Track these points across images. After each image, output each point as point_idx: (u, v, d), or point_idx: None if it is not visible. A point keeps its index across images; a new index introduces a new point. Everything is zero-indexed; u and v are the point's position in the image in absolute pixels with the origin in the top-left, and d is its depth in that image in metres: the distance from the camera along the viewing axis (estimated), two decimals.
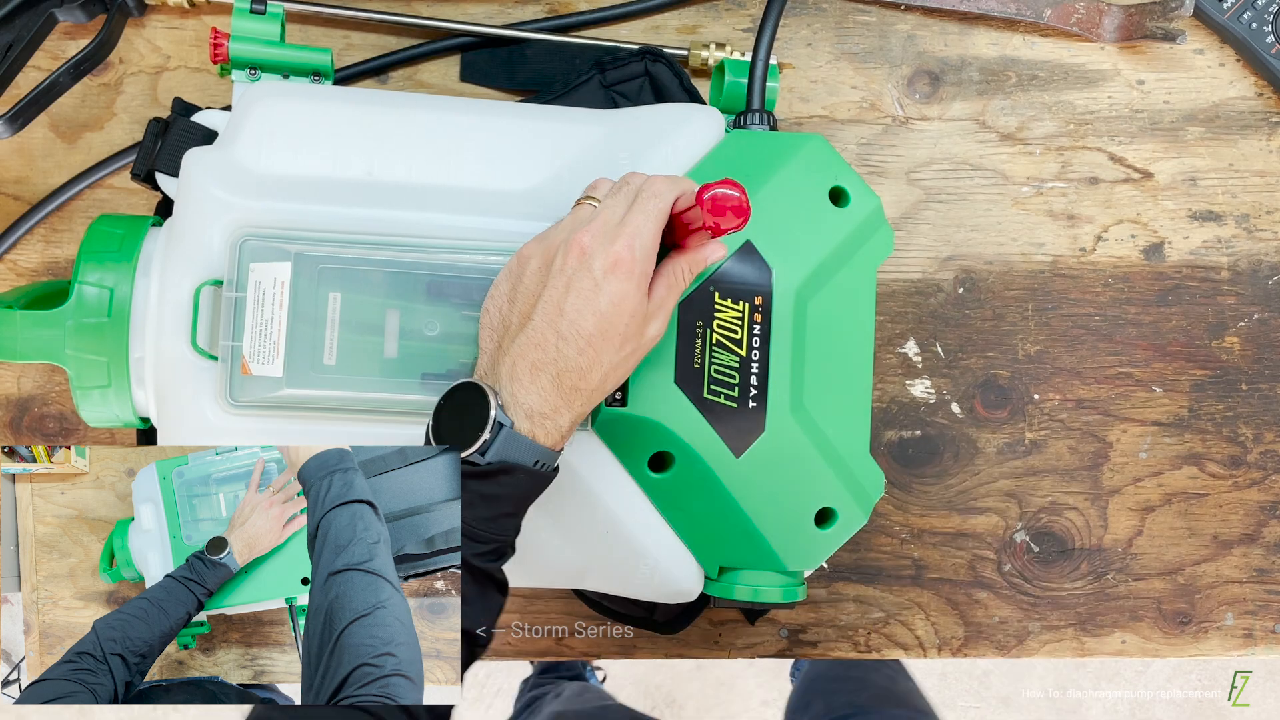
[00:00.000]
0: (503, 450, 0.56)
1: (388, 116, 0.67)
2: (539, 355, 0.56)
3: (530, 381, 0.56)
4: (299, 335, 0.61)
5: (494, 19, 0.86)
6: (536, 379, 0.56)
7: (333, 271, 0.62)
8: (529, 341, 0.57)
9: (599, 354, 0.57)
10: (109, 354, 0.64)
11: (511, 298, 0.59)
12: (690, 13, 0.87)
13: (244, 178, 0.64)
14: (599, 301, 0.56)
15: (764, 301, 0.66)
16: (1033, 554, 0.89)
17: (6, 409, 0.85)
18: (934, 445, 0.88)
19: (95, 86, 0.85)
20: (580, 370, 0.56)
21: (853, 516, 0.69)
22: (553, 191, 0.67)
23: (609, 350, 0.57)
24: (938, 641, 0.88)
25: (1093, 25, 0.88)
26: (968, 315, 0.88)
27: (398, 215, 0.65)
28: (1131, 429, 0.89)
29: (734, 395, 0.65)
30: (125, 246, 0.65)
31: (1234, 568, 0.90)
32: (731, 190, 0.56)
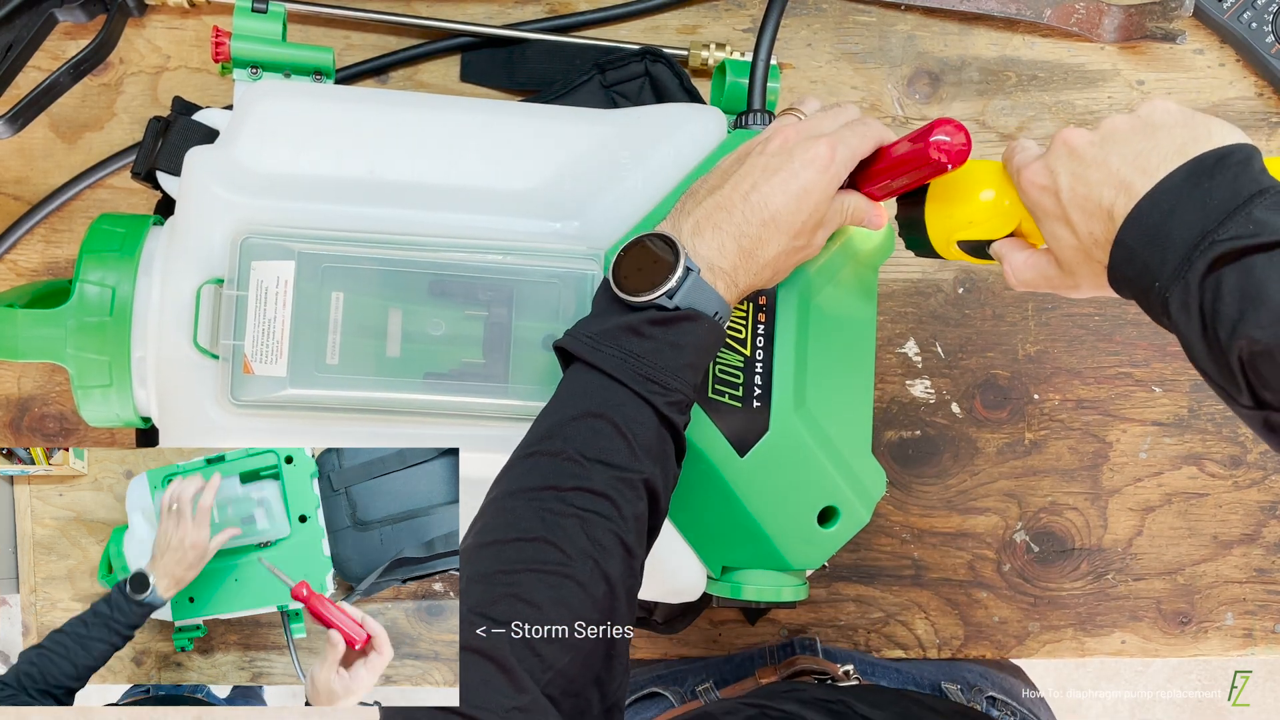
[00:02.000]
0: (690, 295, 0.57)
1: (389, 115, 0.67)
2: (723, 216, 0.58)
3: (712, 237, 0.58)
4: (302, 335, 0.61)
5: (494, 19, 0.86)
6: (718, 235, 0.58)
7: (335, 271, 0.62)
8: (715, 204, 0.59)
9: (777, 232, 0.59)
10: (110, 353, 0.64)
11: (704, 180, 0.61)
12: (690, 13, 0.87)
13: (245, 176, 0.64)
14: (791, 185, 0.58)
15: (768, 301, 0.66)
16: (1033, 554, 0.89)
17: (7, 409, 0.84)
18: (934, 445, 0.88)
19: (95, 86, 0.85)
20: (758, 239, 0.58)
21: (855, 515, 0.69)
22: (553, 191, 0.67)
23: (785, 234, 0.59)
24: (938, 641, 0.88)
25: (1093, 25, 0.88)
26: (968, 315, 0.89)
27: (399, 214, 0.65)
28: (1131, 429, 0.89)
29: (738, 395, 0.65)
30: (127, 245, 0.65)
31: (1234, 568, 0.90)
32: (955, 134, 0.58)
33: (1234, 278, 0.50)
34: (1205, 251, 0.50)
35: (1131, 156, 0.54)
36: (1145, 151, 0.54)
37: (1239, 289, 0.49)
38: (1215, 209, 0.51)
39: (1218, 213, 0.50)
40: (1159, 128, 0.55)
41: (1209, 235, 0.50)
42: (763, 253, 0.59)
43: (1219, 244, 0.50)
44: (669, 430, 0.56)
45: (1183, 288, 0.51)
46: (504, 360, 0.63)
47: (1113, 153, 0.55)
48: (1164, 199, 0.52)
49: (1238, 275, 0.49)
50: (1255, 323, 0.48)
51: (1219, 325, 0.50)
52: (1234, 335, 0.49)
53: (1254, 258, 0.49)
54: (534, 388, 0.63)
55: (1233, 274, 0.50)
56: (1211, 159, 0.52)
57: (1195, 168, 0.52)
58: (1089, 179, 0.55)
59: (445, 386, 0.63)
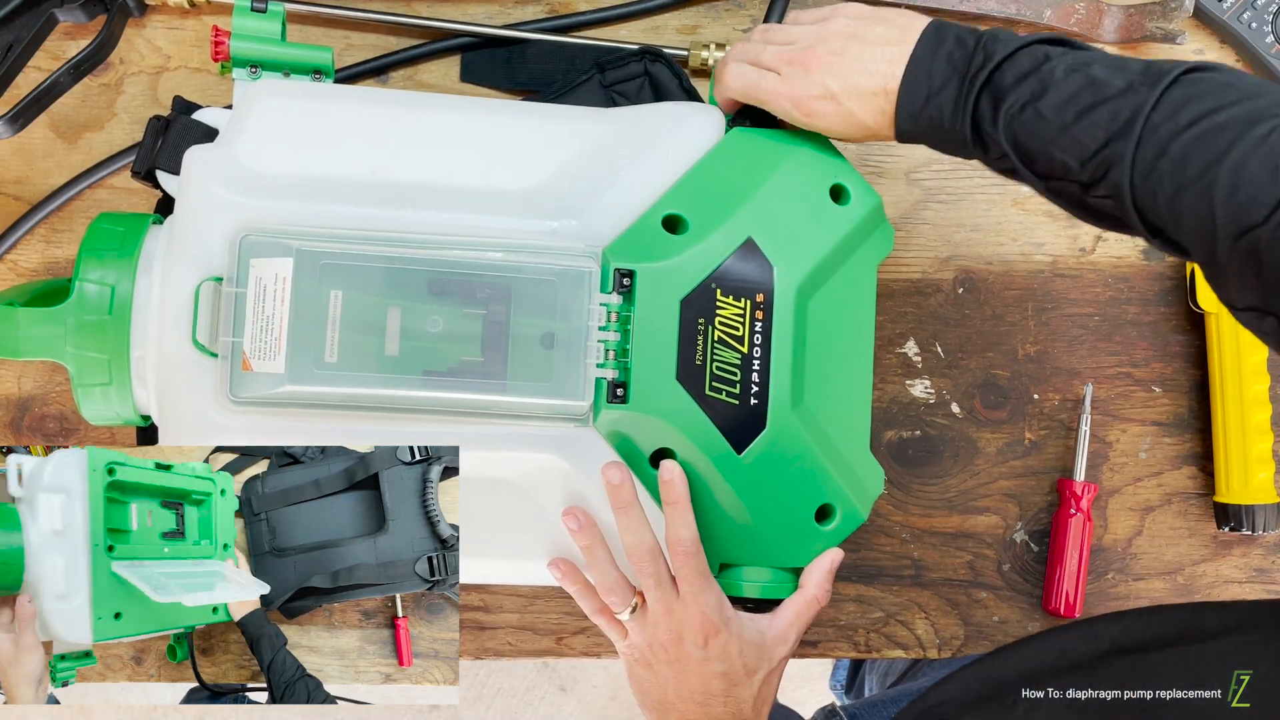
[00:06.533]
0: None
1: (389, 115, 0.67)
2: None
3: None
4: (300, 332, 0.61)
5: (494, 19, 0.86)
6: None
7: (334, 268, 0.62)
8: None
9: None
10: (110, 351, 0.64)
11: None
12: (690, 13, 0.88)
13: (245, 176, 0.64)
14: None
15: (765, 299, 0.66)
16: (1033, 554, 0.89)
17: (7, 408, 0.85)
18: (934, 445, 0.88)
19: (95, 87, 0.85)
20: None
21: (853, 514, 0.69)
22: (552, 190, 0.67)
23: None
24: (938, 641, 0.88)
25: (1093, 25, 0.88)
26: (967, 315, 0.89)
27: (399, 214, 0.65)
28: (1131, 429, 0.89)
29: (735, 392, 0.65)
30: (126, 244, 0.65)
31: (1234, 568, 0.90)
32: None
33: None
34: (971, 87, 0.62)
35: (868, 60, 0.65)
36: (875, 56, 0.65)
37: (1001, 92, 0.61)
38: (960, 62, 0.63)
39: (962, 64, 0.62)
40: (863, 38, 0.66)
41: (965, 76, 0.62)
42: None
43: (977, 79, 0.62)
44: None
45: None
46: (502, 358, 0.63)
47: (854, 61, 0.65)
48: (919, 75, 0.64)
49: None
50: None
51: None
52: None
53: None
54: (532, 385, 0.63)
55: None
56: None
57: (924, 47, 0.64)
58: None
59: (443, 384, 0.63)
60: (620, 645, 0.69)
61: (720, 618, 0.65)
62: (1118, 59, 0.60)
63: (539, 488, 0.66)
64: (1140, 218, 0.58)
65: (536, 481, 0.66)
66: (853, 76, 0.64)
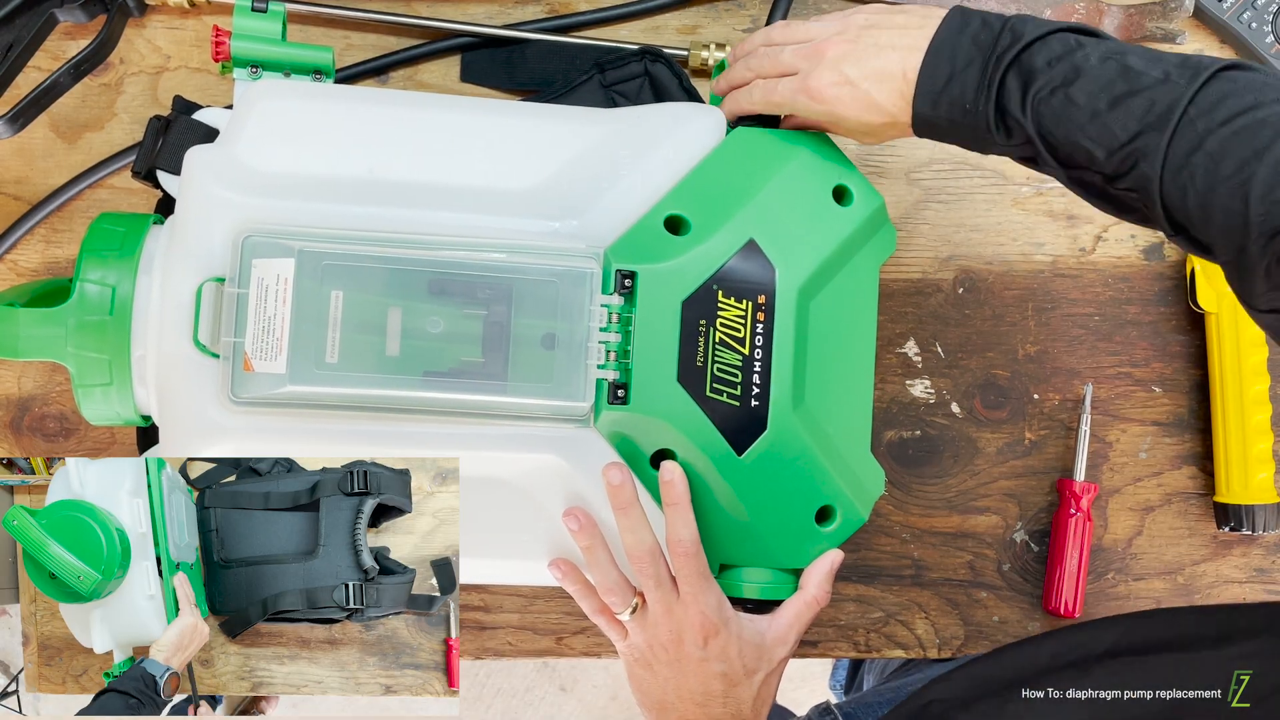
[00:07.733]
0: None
1: (389, 115, 0.67)
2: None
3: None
4: (302, 332, 0.61)
5: (494, 19, 0.86)
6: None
7: (335, 269, 0.62)
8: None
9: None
10: (111, 352, 0.64)
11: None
12: (690, 13, 0.88)
13: (246, 175, 0.64)
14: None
15: (767, 300, 0.66)
16: (1033, 554, 0.89)
17: (7, 409, 0.85)
18: (934, 445, 0.88)
19: (95, 86, 0.85)
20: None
21: (853, 515, 0.69)
22: (553, 190, 0.67)
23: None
24: (938, 641, 0.88)
25: (1093, 25, 0.88)
26: (967, 315, 0.89)
27: (399, 213, 0.65)
28: (1131, 429, 0.89)
29: (736, 394, 0.65)
30: (127, 244, 0.65)
31: (1234, 568, 0.90)
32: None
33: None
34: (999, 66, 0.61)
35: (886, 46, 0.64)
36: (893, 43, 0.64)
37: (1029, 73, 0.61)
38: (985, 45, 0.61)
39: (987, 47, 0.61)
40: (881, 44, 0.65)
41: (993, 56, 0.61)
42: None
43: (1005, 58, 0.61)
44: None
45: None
46: (503, 359, 0.63)
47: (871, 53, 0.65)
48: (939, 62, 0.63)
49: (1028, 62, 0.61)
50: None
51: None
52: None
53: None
54: (533, 386, 0.63)
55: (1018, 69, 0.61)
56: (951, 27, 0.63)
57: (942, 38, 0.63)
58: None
59: (444, 384, 0.63)
60: (620, 645, 0.69)
61: (720, 618, 0.65)
62: (1152, 51, 0.59)
63: (539, 488, 0.66)
64: (1166, 213, 0.57)
65: (537, 482, 0.66)
66: (871, 60, 0.63)
